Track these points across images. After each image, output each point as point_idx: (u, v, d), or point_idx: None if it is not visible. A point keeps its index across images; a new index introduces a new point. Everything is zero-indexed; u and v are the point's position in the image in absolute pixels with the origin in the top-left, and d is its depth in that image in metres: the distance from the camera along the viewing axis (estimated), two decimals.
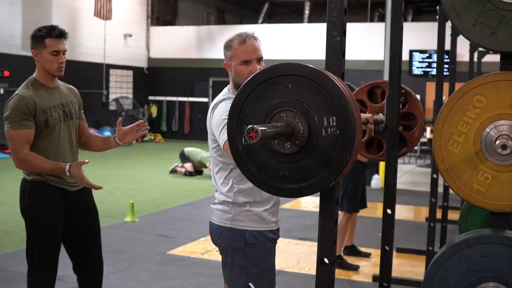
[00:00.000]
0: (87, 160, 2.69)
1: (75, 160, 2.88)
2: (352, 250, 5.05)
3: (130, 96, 16.28)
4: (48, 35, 2.71)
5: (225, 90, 2.35)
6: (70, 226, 2.86)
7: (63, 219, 2.80)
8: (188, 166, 9.83)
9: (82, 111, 3.05)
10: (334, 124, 1.43)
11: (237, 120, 1.55)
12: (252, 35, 2.31)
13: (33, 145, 2.72)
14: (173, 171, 10.10)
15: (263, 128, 1.36)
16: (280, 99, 1.48)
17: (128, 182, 9.15)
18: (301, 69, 1.46)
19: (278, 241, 2.49)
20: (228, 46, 2.32)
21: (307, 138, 1.46)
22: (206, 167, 9.73)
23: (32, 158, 2.66)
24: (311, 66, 1.46)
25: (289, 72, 1.47)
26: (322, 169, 1.46)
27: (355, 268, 4.68)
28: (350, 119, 1.42)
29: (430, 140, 12.34)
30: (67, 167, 2.68)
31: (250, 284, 2.25)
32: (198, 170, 9.96)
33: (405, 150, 2.96)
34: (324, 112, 1.44)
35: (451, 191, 1.95)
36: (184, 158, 9.90)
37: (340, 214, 4.77)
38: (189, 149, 9.92)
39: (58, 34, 2.73)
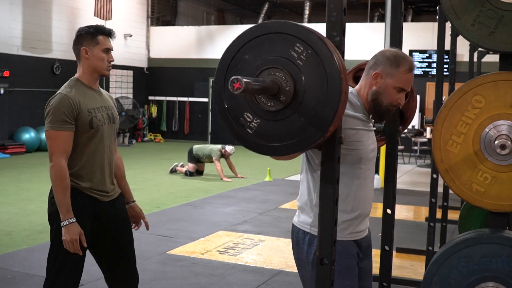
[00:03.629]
0: (85, 245, 2.55)
1: (111, 168, 2.77)
2: None
3: (130, 96, 16.28)
4: (100, 32, 2.66)
5: (349, 90, 2.13)
6: (101, 236, 2.72)
7: (89, 229, 2.66)
8: (191, 167, 9.80)
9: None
10: (322, 81, 1.45)
11: (225, 76, 1.55)
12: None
13: (74, 146, 2.60)
14: (173, 171, 10.08)
15: (247, 80, 1.36)
16: (268, 56, 1.49)
17: (128, 182, 9.13)
18: (293, 28, 1.47)
19: (278, 241, 2.46)
20: (397, 63, 2.07)
21: (293, 95, 1.47)
22: (212, 161, 9.64)
23: (59, 177, 2.52)
24: (304, 26, 1.48)
25: (279, 30, 1.48)
26: (309, 126, 1.46)
27: None
28: (336, 76, 1.43)
29: (430, 140, 12.34)
30: (70, 220, 2.51)
31: None
32: (199, 170, 9.94)
33: (401, 126, 2.81)
34: (312, 73, 1.46)
35: (451, 191, 1.95)
36: (191, 157, 9.79)
37: None
38: (198, 146, 9.84)
39: (109, 32, 2.69)
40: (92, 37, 2.65)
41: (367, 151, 2.12)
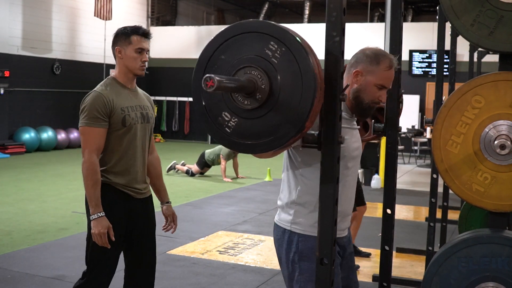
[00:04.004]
0: (113, 238, 2.59)
1: (144, 166, 2.79)
2: None
3: None
4: (134, 32, 2.68)
5: None
6: (129, 232, 2.76)
7: (125, 227, 2.71)
8: (196, 169, 9.77)
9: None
10: (296, 78, 1.48)
11: (202, 75, 1.56)
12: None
13: (107, 143, 2.64)
14: (171, 169, 10.02)
15: (219, 78, 1.38)
16: (244, 55, 1.52)
17: None
18: (267, 27, 1.50)
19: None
20: (377, 60, 2.09)
21: (269, 93, 1.49)
22: (219, 163, 9.58)
23: (90, 172, 2.57)
24: (279, 25, 1.50)
25: (256, 30, 1.51)
26: (285, 123, 1.49)
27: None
28: (310, 72, 1.46)
29: (430, 140, 12.34)
30: (99, 214, 2.57)
31: None
32: (202, 172, 9.90)
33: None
34: (286, 70, 1.48)
35: (451, 191, 1.95)
36: (202, 162, 9.70)
37: None
38: (209, 150, 9.69)
39: (143, 32, 2.71)
40: (126, 37, 2.69)
41: (350, 149, 2.13)
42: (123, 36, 2.69)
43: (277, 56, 1.49)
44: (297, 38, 1.48)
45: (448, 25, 2.93)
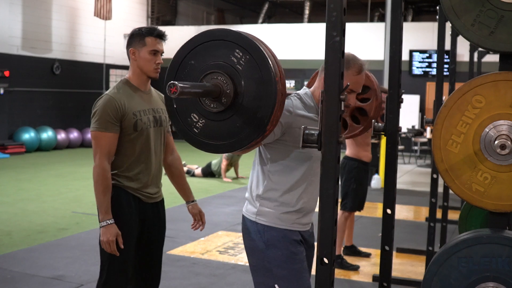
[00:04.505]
0: (121, 246, 2.57)
1: (158, 171, 2.77)
2: (352, 250, 5.05)
3: None
4: (149, 34, 2.64)
5: (304, 91, 2.24)
6: (138, 235, 2.74)
7: (137, 229, 2.69)
8: (197, 173, 9.77)
9: (170, 122, 2.85)
10: (259, 84, 1.58)
11: (174, 79, 1.67)
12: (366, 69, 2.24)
13: (119, 147, 2.61)
14: None
15: (182, 84, 1.46)
16: (211, 61, 1.62)
17: None
18: (233, 35, 1.60)
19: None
20: (346, 65, 2.15)
21: (233, 98, 1.59)
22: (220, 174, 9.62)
23: (101, 178, 2.54)
24: (244, 34, 1.60)
25: (223, 38, 1.61)
26: (248, 126, 1.59)
27: (355, 268, 4.68)
28: (271, 80, 1.56)
29: (430, 140, 12.34)
30: (108, 222, 2.54)
31: None
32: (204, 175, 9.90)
33: (368, 121, 2.76)
34: (250, 77, 1.58)
35: (451, 191, 1.95)
36: (207, 171, 9.71)
37: (339, 213, 4.77)
38: (216, 161, 9.72)
39: (158, 34, 2.66)
40: (140, 38, 2.65)
41: (317, 151, 2.17)
42: (138, 38, 2.65)
43: (241, 63, 1.59)
44: (261, 47, 1.58)
45: (448, 25, 2.93)
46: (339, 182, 4.84)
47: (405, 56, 14.21)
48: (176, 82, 1.44)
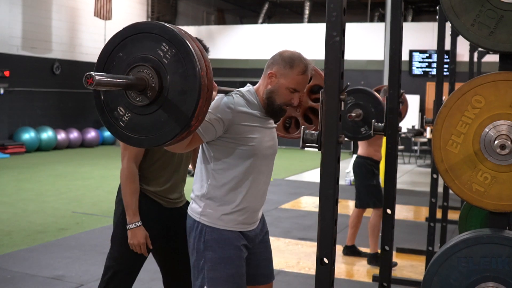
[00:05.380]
0: (151, 247, 2.59)
1: (181, 177, 2.75)
2: (352, 250, 5.06)
3: None
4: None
5: (247, 88, 2.24)
6: (163, 241, 2.72)
7: (157, 231, 2.67)
8: None
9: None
10: (183, 79, 1.57)
11: (102, 71, 1.65)
12: (312, 69, 2.24)
13: (146, 151, 2.60)
14: None
15: (99, 76, 1.45)
16: (138, 55, 1.61)
17: None
18: (160, 29, 1.58)
19: (278, 241, 2.48)
20: (290, 64, 2.16)
21: (158, 91, 1.58)
22: None
23: (129, 181, 2.55)
24: (171, 27, 1.58)
25: (150, 31, 1.59)
26: (172, 121, 1.58)
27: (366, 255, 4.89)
28: (196, 75, 1.56)
29: (430, 140, 12.34)
30: (137, 224, 2.54)
31: None
32: None
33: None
34: (175, 71, 1.57)
35: (451, 191, 1.95)
36: None
37: (357, 212, 4.90)
38: None
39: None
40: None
41: (261, 148, 2.18)
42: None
43: (167, 57, 1.58)
44: (187, 42, 1.57)
45: (448, 25, 2.93)
46: (356, 182, 4.88)
47: (405, 56, 14.21)
48: (93, 73, 1.42)
